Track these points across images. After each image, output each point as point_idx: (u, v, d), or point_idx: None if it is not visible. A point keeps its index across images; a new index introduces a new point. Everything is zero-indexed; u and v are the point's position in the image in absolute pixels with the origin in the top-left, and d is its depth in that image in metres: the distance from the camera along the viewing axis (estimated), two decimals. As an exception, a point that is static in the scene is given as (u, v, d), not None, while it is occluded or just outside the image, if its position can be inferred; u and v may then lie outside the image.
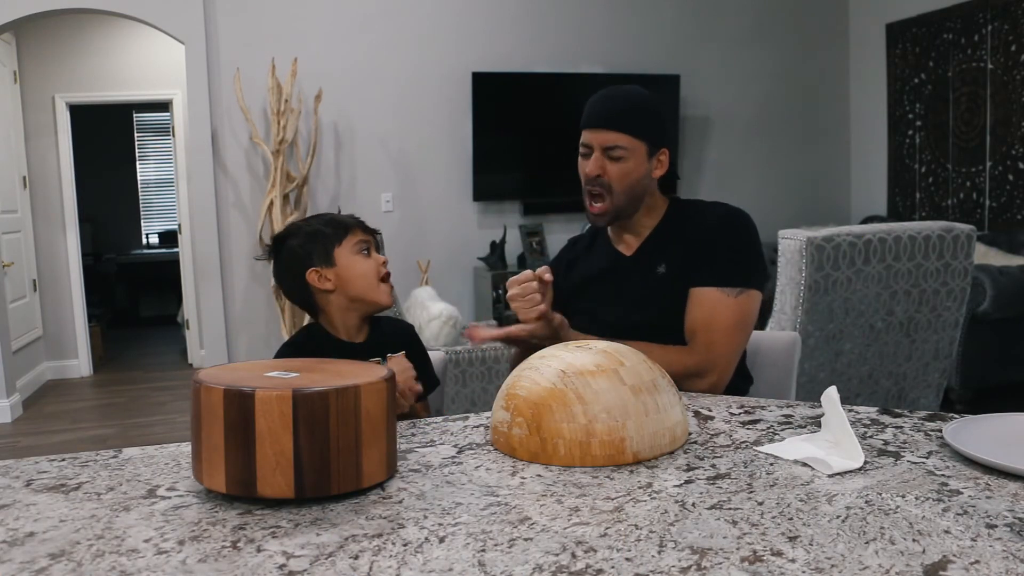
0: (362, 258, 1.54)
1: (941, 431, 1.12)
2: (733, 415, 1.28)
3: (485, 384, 3.38)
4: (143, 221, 9.05)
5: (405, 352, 1.60)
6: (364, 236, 1.56)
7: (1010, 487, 0.93)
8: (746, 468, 1.02)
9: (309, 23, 4.96)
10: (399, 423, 1.26)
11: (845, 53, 6.02)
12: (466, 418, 1.31)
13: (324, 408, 0.93)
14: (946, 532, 0.81)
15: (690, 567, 0.75)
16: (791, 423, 1.22)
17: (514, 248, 5.36)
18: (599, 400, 1.07)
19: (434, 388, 1.68)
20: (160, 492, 0.99)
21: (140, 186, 8.96)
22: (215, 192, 4.83)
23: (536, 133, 5.30)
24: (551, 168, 5.28)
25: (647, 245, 1.69)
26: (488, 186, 5.27)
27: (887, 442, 1.11)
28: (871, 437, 1.13)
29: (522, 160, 5.35)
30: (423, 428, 1.25)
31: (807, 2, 5.89)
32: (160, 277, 8.34)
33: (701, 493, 0.94)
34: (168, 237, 8.56)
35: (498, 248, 5.16)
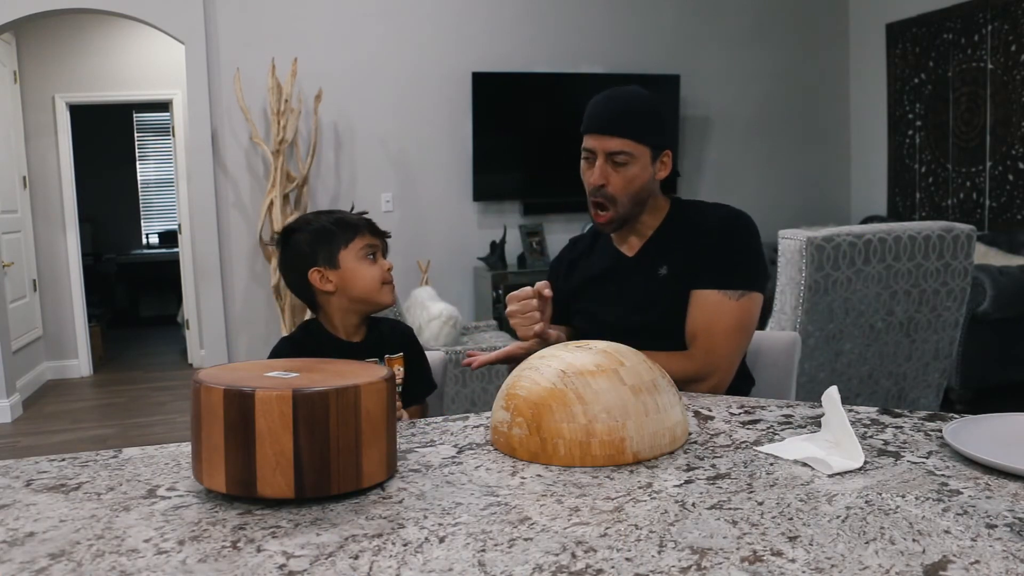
0: (367, 264, 1.51)
1: (941, 431, 1.12)
2: (733, 415, 1.28)
3: (485, 384, 3.38)
4: (143, 221, 9.05)
5: (403, 353, 1.60)
6: (372, 240, 1.53)
7: (1010, 487, 0.93)
8: (746, 468, 1.02)
9: (309, 23, 4.96)
10: (399, 423, 1.26)
11: (845, 53, 6.02)
12: (466, 418, 1.30)
13: (324, 408, 0.93)
14: (946, 532, 0.81)
15: (690, 567, 0.75)
16: (791, 423, 1.22)
17: (514, 248, 5.36)
18: (599, 400, 1.07)
19: (431, 391, 1.67)
20: (160, 492, 0.99)
21: (140, 186, 8.96)
22: (215, 192, 4.83)
23: (536, 133, 5.30)
24: (551, 168, 5.28)
25: (649, 246, 1.68)
26: (488, 186, 5.27)
27: (887, 442, 1.11)
28: (871, 437, 1.13)
29: (522, 160, 5.35)
30: (423, 428, 1.25)
31: (807, 2, 5.89)
32: (160, 277, 8.34)
33: (701, 493, 0.94)
34: (168, 237, 8.56)
35: (498, 248, 5.16)
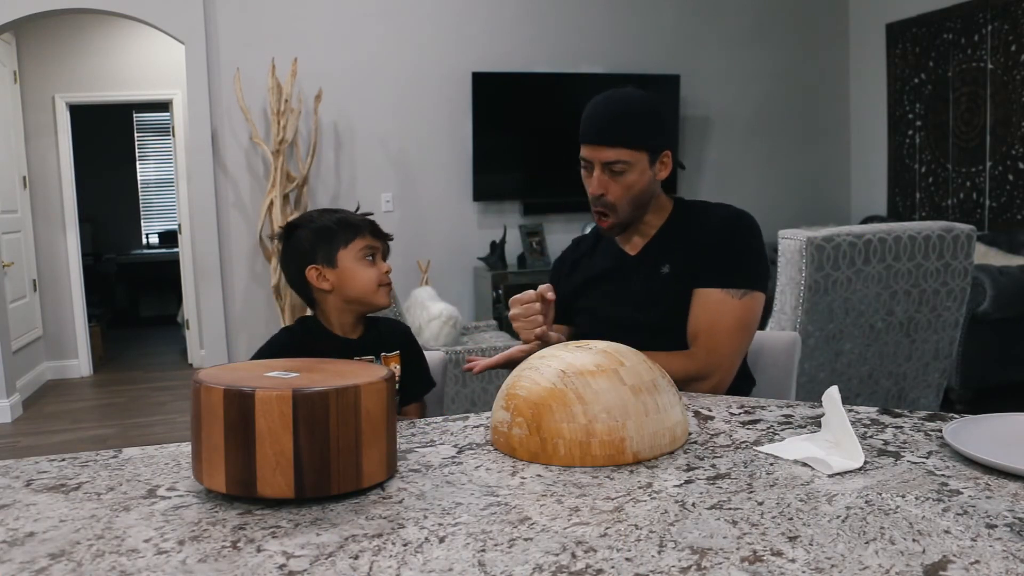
0: (365, 265, 1.52)
1: (941, 431, 1.12)
2: (733, 415, 1.28)
3: (485, 384, 3.38)
4: (143, 221, 9.05)
5: (400, 352, 1.60)
6: (372, 241, 1.53)
7: (1010, 487, 0.93)
8: (746, 468, 1.02)
9: (309, 23, 4.96)
10: (399, 423, 1.26)
11: (845, 53, 6.02)
12: (466, 418, 1.30)
13: (324, 408, 0.93)
14: (946, 532, 0.81)
15: (690, 567, 0.75)
16: (791, 423, 1.22)
17: (514, 248, 5.36)
18: (599, 400, 1.07)
19: (429, 389, 1.67)
20: (160, 492, 0.99)
21: (140, 186, 8.96)
22: (215, 192, 4.83)
23: (536, 133, 5.30)
24: (551, 168, 5.28)
25: (652, 245, 1.68)
26: (488, 186, 5.27)
27: (887, 442, 1.11)
28: (871, 437, 1.13)
29: (522, 160, 5.35)
30: (423, 428, 1.25)
31: (807, 2, 5.89)
32: (160, 277, 8.34)
33: (701, 493, 0.94)
34: (168, 237, 8.56)
35: (498, 248, 5.16)
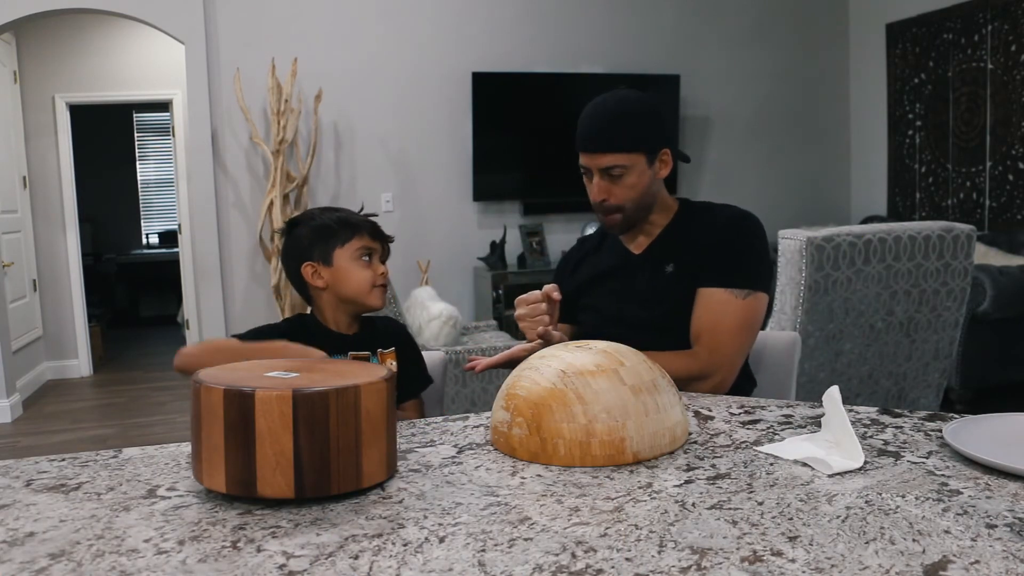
0: (361, 265, 1.53)
1: (941, 431, 1.12)
2: (733, 415, 1.28)
3: (485, 384, 3.38)
4: (143, 221, 9.05)
5: (396, 349, 1.61)
6: (371, 242, 1.54)
7: (1010, 487, 0.93)
8: (746, 468, 1.02)
9: (309, 23, 4.96)
10: (399, 423, 1.26)
11: (845, 53, 6.02)
12: (466, 418, 1.30)
13: (324, 408, 0.93)
14: (946, 532, 0.81)
15: (690, 567, 0.75)
16: (791, 423, 1.22)
17: (514, 248, 5.36)
18: (599, 400, 1.07)
19: (426, 386, 1.68)
20: (160, 492, 0.99)
21: (140, 186, 8.96)
22: (215, 192, 4.83)
23: (536, 133, 5.30)
24: (551, 168, 5.28)
25: (656, 244, 1.69)
26: (488, 186, 5.27)
27: (887, 442, 1.11)
28: (871, 437, 1.13)
29: (522, 160, 5.35)
30: (423, 428, 1.25)
31: (807, 2, 5.89)
32: (160, 277, 8.34)
33: (701, 493, 0.94)
34: (168, 237, 8.56)
35: (498, 248, 5.16)
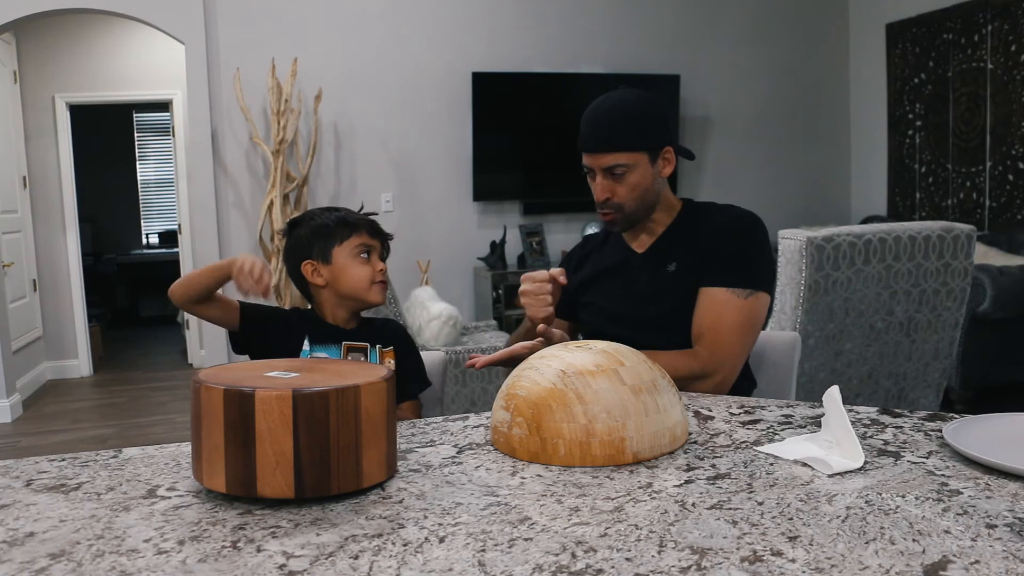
0: (359, 262, 1.56)
1: (941, 431, 1.12)
2: (733, 415, 1.28)
3: (485, 384, 3.38)
4: (143, 221, 9.05)
5: (395, 349, 1.62)
6: (369, 240, 1.57)
7: (1010, 487, 0.93)
8: (746, 468, 1.02)
9: (309, 23, 4.96)
10: (399, 423, 1.26)
11: (845, 53, 6.02)
12: (466, 418, 1.30)
13: (324, 408, 0.93)
14: (946, 532, 0.81)
15: (690, 567, 0.75)
16: (791, 423, 1.22)
17: (514, 248, 5.36)
18: (599, 400, 1.07)
19: (424, 388, 1.68)
20: (160, 492, 0.99)
21: (140, 186, 8.96)
22: (215, 192, 4.83)
23: (536, 133, 5.30)
24: (551, 168, 5.28)
25: (659, 243, 1.70)
26: (488, 186, 5.27)
27: (887, 442, 1.11)
28: (871, 437, 1.13)
29: (522, 160, 5.35)
30: (423, 428, 1.25)
31: (807, 2, 5.89)
32: (160, 277, 8.32)
33: (701, 493, 0.94)
34: (168, 237, 8.56)
35: (498, 248, 5.16)
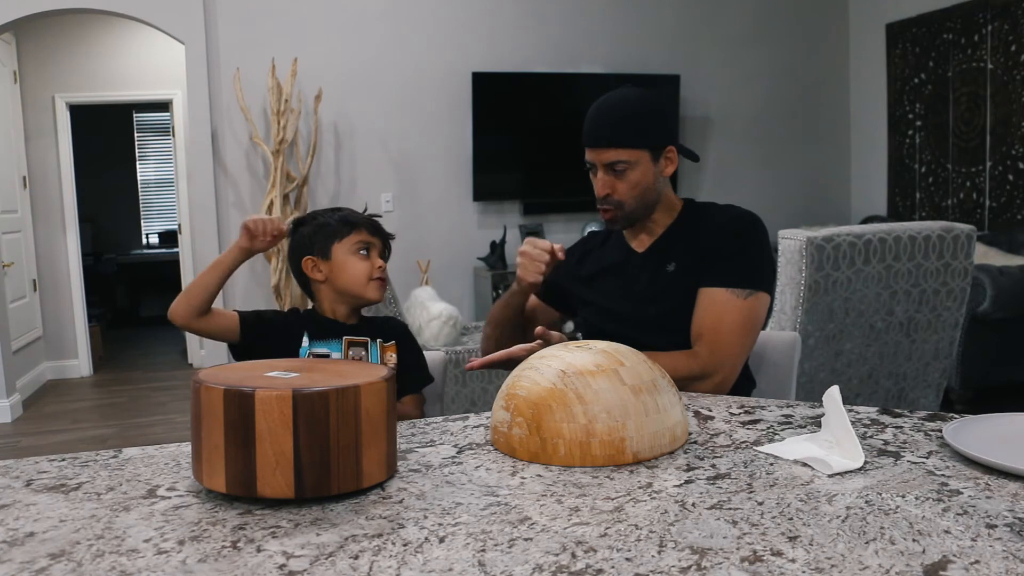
0: (358, 259, 1.59)
1: (941, 431, 1.12)
2: (733, 415, 1.28)
3: (485, 384, 3.38)
4: (143, 221, 9.05)
5: (397, 343, 1.63)
6: (369, 237, 1.61)
7: (1010, 487, 0.93)
8: (746, 468, 1.02)
9: (309, 23, 4.96)
10: (399, 423, 1.26)
11: (845, 53, 6.02)
12: (466, 418, 1.30)
13: (324, 408, 0.93)
14: (946, 532, 0.81)
15: (690, 567, 0.75)
16: (791, 423, 1.22)
17: (514, 248, 5.34)
18: (599, 400, 1.07)
19: (427, 383, 1.69)
20: (160, 492, 0.99)
21: (140, 186, 8.96)
22: (215, 192, 4.83)
23: (536, 133, 5.30)
24: (551, 168, 5.28)
25: (659, 243, 1.70)
26: (488, 186, 5.27)
27: (887, 442, 1.11)
28: (871, 437, 1.13)
29: (522, 160, 5.35)
30: (423, 428, 1.25)
31: (807, 2, 5.89)
32: (160, 277, 8.33)
33: (701, 493, 0.94)
34: (168, 237, 8.56)
35: (498, 248, 5.16)
